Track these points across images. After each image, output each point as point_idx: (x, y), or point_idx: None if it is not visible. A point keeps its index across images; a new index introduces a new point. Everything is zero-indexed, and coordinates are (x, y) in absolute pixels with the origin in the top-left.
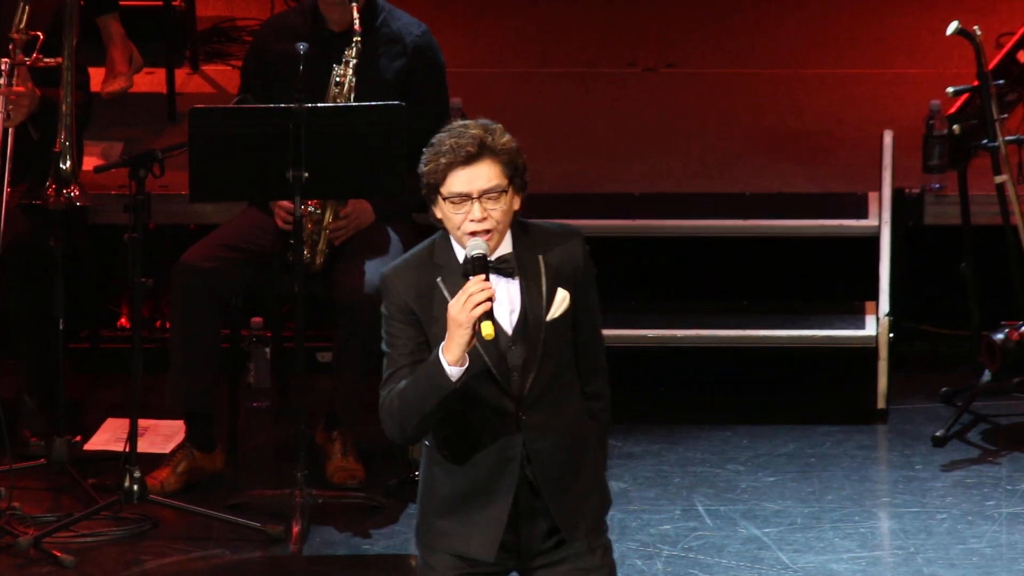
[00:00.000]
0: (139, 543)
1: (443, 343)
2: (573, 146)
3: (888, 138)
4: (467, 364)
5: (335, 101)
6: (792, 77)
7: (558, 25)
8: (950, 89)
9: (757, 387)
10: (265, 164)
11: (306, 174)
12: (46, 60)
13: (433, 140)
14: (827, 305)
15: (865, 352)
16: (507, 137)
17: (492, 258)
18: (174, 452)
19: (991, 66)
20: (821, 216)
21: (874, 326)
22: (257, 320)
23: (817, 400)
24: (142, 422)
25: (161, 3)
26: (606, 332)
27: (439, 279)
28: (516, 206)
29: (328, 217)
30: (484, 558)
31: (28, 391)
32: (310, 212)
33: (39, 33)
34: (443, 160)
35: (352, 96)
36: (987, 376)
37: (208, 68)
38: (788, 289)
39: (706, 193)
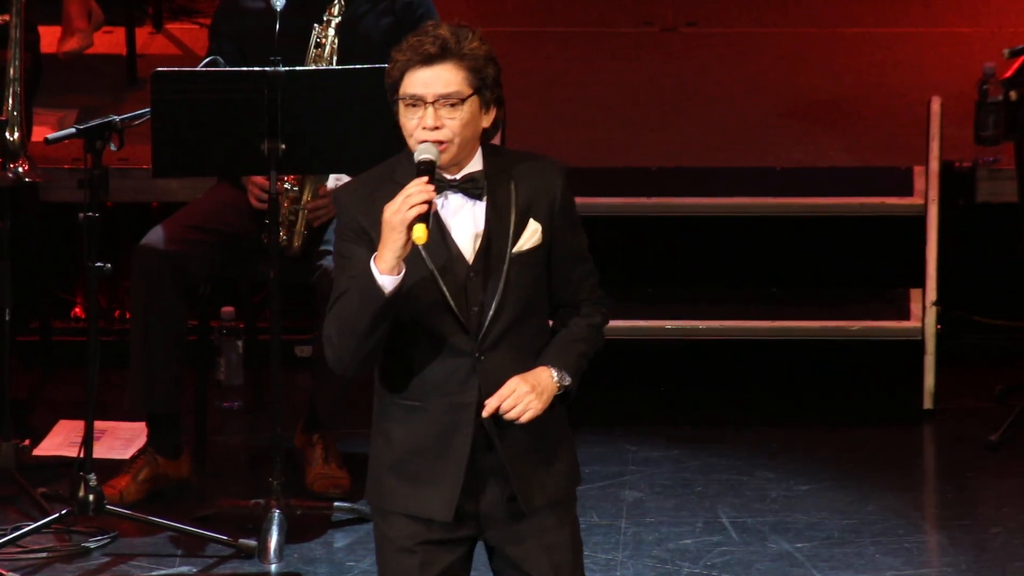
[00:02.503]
0: (95, 559)
1: (375, 253)
2: (582, 115)
3: (936, 105)
4: (402, 273)
5: (315, 64)
6: (828, 37)
7: None
8: (1006, 50)
9: (789, 385)
10: (237, 135)
11: (283, 146)
12: None
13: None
14: (867, 293)
15: (910, 345)
16: (478, 42)
17: (458, 176)
18: (135, 458)
19: None
20: (860, 193)
21: (920, 316)
22: (228, 310)
23: (856, 399)
24: (99, 424)
25: None
26: (618, 323)
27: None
28: (485, 123)
29: (307, 195)
30: (440, 518)
31: None
32: (287, 189)
33: None
34: (401, 58)
35: (334, 59)
36: None
37: (173, 27)
38: (823, 275)
39: (731, 168)
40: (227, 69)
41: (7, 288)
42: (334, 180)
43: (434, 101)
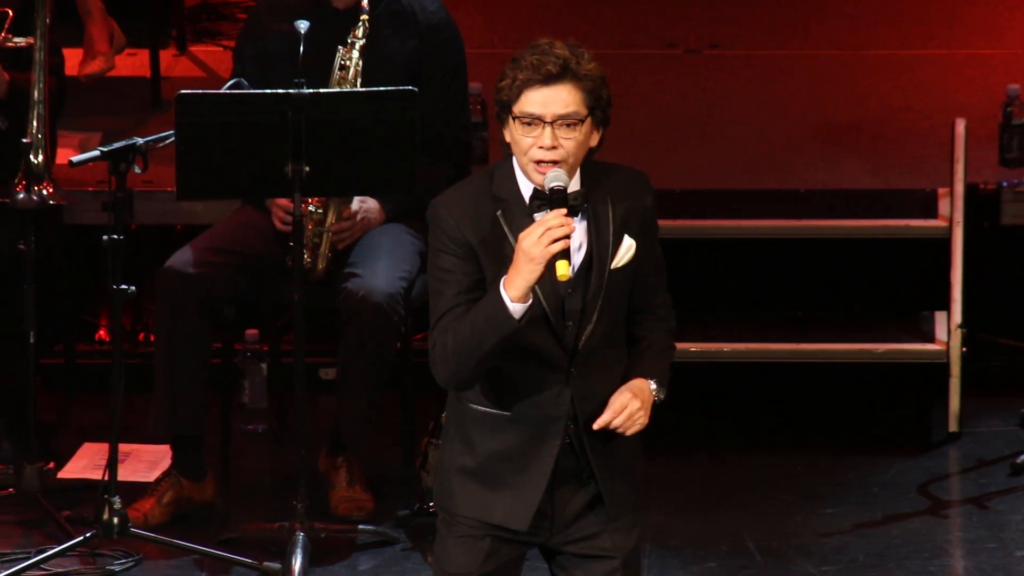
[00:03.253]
0: None
1: (505, 277)
2: (606, 136)
3: (960, 127)
4: (531, 301)
5: (339, 86)
6: (852, 59)
7: (589, 0)
8: None
9: (814, 408)
10: (261, 157)
11: (307, 168)
12: (16, 40)
13: (515, 55)
14: (892, 315)
15: (935, 368)
16: (594, 64)
17: None
18: (159, 481)
19: None
20: (885, 215)
21: (945, 339)
22: (252, 332)
23: (881, 422)
24: (123, 447)
25: None
26: None
27: (499, 213)
28: (594, 142)
29: (331, 217)
30: (516, 527)
31: None
32: (311, 211)
33: (8, 10)
34: (520, 76)
35: (359, 81)
36: None
37: (197, 49)
38: (848, 297)
39: (755, 190)
40: (251, 91)
41: (32, 311)
42: (358, 202)
43: (553, 121)
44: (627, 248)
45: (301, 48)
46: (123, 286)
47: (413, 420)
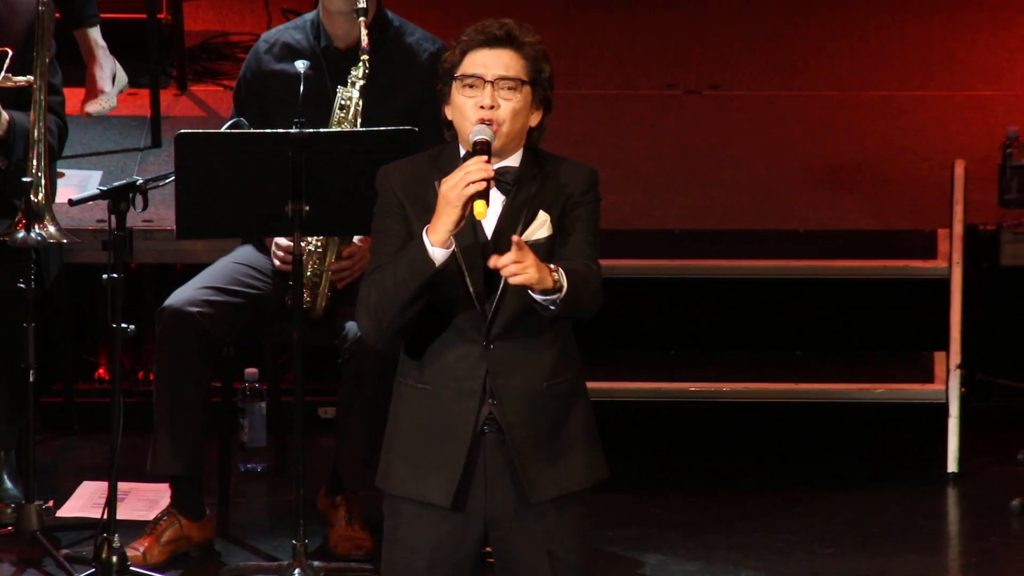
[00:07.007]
0: None
1: (428, 224)
2: (606, 177)
3: (960, 169)
4: (452, 247)
5: (340, 126)
6: (852, 100)
7: (590, 41)
8: None
9: (812, 447)
10: (261, 197)
11: (307, 208)
12: (15, 79)
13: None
14: (891, 356)
15: (934, 409)
16: (538, 38)
17: (494, 168)
18: (158, 519)
19: None
20: (884, 256)
21: (944, 379)
22: (251, 371)
23: (880, 462)
24: (122, 485)
25: (145, 16)
26: (642, 385)
27: (436, 181)
28: (533, 121)
29: (331, 256)
30: (439, 503)
31: None
32: (311, 251)
33: (7, 49)
34: (464, 39)
35: (359, 121)
36: None
37: (197, 88)
38: (847, 338)
39: (755, 230)
40: (251, 131)
41: (32, 349)
42: (358, 241)
43: (493, 81)
44: (541, 222)
45: (301, 88)
46: (123, 325)
47: None
